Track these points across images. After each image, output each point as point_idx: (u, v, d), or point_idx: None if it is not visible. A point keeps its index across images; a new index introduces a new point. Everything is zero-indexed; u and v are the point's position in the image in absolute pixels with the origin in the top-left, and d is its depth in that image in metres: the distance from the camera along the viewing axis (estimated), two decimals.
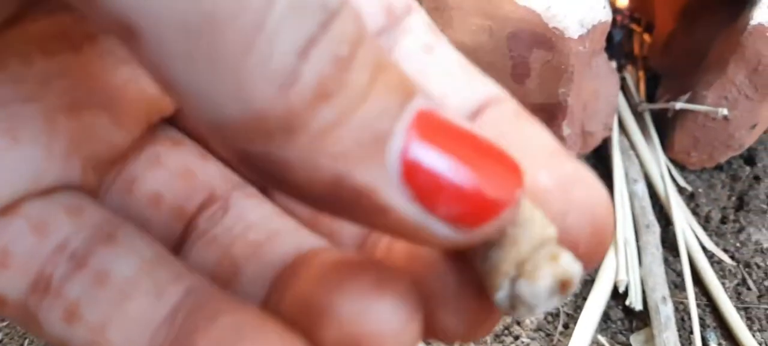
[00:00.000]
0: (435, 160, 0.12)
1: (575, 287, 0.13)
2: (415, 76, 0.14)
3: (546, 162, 0.14)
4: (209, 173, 0.18)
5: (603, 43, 0.46)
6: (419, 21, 0.16)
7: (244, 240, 0.17)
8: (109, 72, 0.16)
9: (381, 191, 0.12)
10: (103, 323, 0.14)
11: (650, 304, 0.46)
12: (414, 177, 0.12)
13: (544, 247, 0.13)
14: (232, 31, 0.11)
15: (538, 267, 0.13)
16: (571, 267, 0.13)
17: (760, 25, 0.45)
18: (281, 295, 0.15)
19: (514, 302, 0.13)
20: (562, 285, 0.12)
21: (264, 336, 0.13)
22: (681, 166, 0.55)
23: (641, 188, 0.52)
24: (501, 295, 0.13)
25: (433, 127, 0.12)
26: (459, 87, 0.16)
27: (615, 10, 0.57)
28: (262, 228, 0.17)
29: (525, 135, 0.15)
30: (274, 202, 0.19)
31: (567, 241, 0.13)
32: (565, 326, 0.47)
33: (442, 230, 0.12)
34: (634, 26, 0.60)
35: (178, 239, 0.18)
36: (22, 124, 0.15)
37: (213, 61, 0.11)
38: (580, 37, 0.43)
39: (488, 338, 0.46)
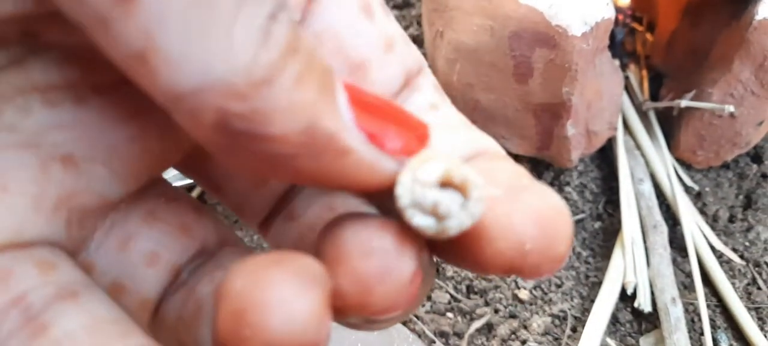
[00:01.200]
0: (369, 111, 0.14)
1: (474, 194, 0.14)
2: None
3: (505, 181, 0.16)
4: (203, 228, 0.19)
5: (606, 41, 0.45)
6: (427, 82, 0.19)
7: (212, 281, 0.18)
8: (114, 127, 0.16)
9: (343, 135, 0.14)
10: None
11: (659, 305, 0.46)
12: (362, 121, 0.14)
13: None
14: (224, 1, 0.12)
15: (431, 160, 0.15)
16: (464, 169, 0.14)
17: (766, 19, 0.44)
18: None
19: (414, 188, 0.14)
20: (452, 176, 0.14)
21: None
22: (687, 165, 0.55)
23: (647, 188, 0.51)
24: (402, 181, 0.14)
25: (353, 87, 0.15)
26: (460, 141, 0.18)
27: (616, 9, 0.57)
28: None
29: (498, 166, 0.17)
30: None
31: (512, 239, 0.15)
32: (573, 330, 0.47)
33: (390, 164, 0.15)
34: (635, 25, 0.59)
35: (165, 289, 0.18)
36: (13, 173, 0.15)
37: (208, 27, 0.12)
38: (584, 34, 0.42)
39: (494, 343, 0.45)
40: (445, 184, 0.14)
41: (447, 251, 0.16)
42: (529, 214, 0.15)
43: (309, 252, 0.15)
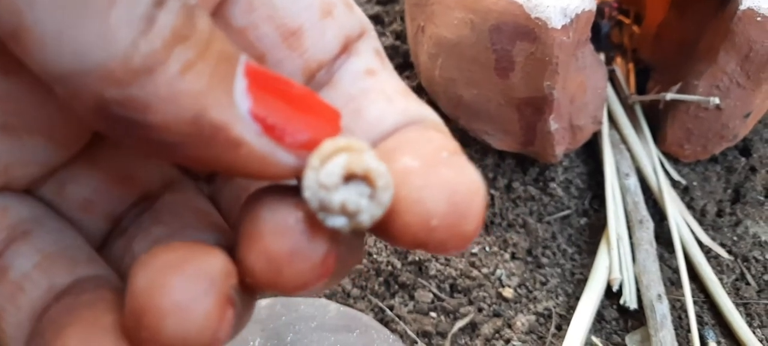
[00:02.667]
0: (273, 101, 0.14)
1: (380, 182, 0.14)
2: (356, 96, 0.17)
3: (427, 153, 0.15)
4: (146, 173, 0.19)
5: (588, 34, 0.44)
6: (367, 46, 0.18)
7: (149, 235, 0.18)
8: (46, 97, 0.16)
9: (234, 126, 0.13)
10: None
11: (645, 302, 0.45)
12: (260, 113, 0.14)
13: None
14: None
15: (331, 158, 0.14)
16: (365, 159, 0.14)
17: (750, 9, 0.43)
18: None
19: (319, 191, 0.14)
20: (354, 170, 0.14)
21: (94, 343, 0.14)
22: (674, 159, 0.54)
23: (633, 183, 0.50)
24: (307, 185, 0.14)
25: (262, 75, 0.14)
26: (394, 110, 0.17)
27: (603, 2, 0.56)
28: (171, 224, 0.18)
29: (424, 136, 0.16)
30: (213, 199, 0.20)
31: (420, 213, 0.14)
32: (558, 328, 0.46)
33: (287, 158, 0.14)
34: (622, 18, 0.59)
35: (105, 237, 0.18)
36: None
37: (82, 10, 0.12)
38: (564, 27, 0.41)
39: (478, 342, 0.44)
40: (350, 177, 0.14)
41: None
42: (441, 189, 0.14)
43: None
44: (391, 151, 0.16)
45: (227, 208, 0.19)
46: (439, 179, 0.14)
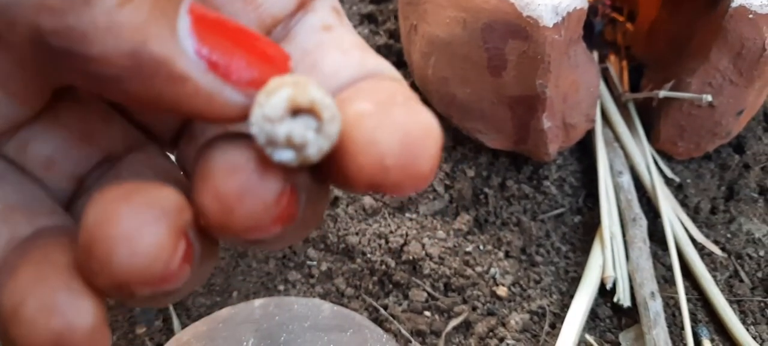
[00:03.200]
0: (220, 41, 0.14)
1: (326, 114, 0.14)
2: (311, 50, 0.17)
3: (382, 98, 0.15)
4: (109, 134, 0.19)
5: (580, 32, 0.44)
6: (324, 3, 0.18)
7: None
8: (3, 53, 0.16)
9: (177, 61, 0.13)
10: None
11: (639, 300, 0.45)
12: (205, 52, 0.14)
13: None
14: None
15: (275, 91, 0.14)
16: (310, 91, 0.14)
17: (741, 6, 0.43)
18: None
19: (264, 124, 0.14)
20: (298, 102, 0.14)
21: (47, 286, 0.14)
22: (668, 157, 0.54)
23: (627, 180, 0.50)
24: (253, 120, 0.14)
25: (207, 16, 0.14)
26: (350, 63, 0.17)
27: (596, 0, 0.56)
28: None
29: (380, 85, 0.16)
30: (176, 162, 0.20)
31: (374, 155, 0.14)
32: (552, 326, 0.46)
33: (235, 96, 0.14)
34: (615, 16, 0.59)
35: (70, 197, 0.19)
36: None
37: None
38: (556, 25, 0.41)
39: (472, 341, 0.44)
40: (297, 111, 0.14)
41: (317, 168, 0.16)
42: (394, 130, 0.14)
43: None
44: (346, 99, 0.16)
45: (192, 172, 0.20)
46: (392, 120, 0.15)
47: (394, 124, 0.14)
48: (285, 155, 0.14)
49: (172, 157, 0.21)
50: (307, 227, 0.17)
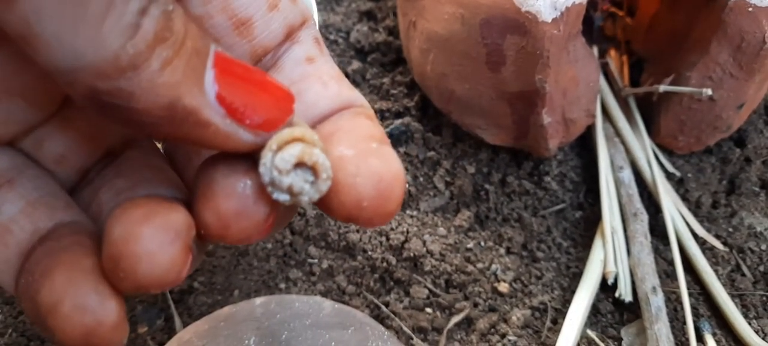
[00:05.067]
0: (238, 86, 0.17)
1: (323, 175, 0.18)
2: (296, 80, 0.21)
3: (360, 143, 0.19)
4: (110, 132, 0.22)
5: (579, 27, 0.44)
6: (307, 35, 0.21)
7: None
8: (25, 66, 0.19)
9: (203, 111, 0.16)
10: None
11: (640, 295, 0.45)
12: (225, 99, 0.17)
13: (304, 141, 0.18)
14: (94, 2, 0.14)
15: (287, 146, 0.18)
16: (315, 154, 0.18)
17: (742, 0, 0.43)
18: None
19: (272, 171, 0.18)
20: (305, 161, 0.17)
21: (79, 289, 0.17)
22: (668, 151, 0.54)
23: (628, 175, 0.50)
24: (264, 162, 0.18)
25: (229, 64, 0.17)
26: (329, 95, 0.21)
27: None
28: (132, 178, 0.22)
29: (356, 125, 0.20)
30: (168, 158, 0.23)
31: (353, 196, 0.18)
32: (554, 322, 0.46)
33: (247, 136, 0.17)
34: (615, 10, 0.58)
35: (74, 186, 0.22)
36: None
37: (78, 20, 0.14)
38: (554, 20, 0.41)
39: (474, 338, 0.44)
40: (300, 165, 0.18)
41: None
42: (370, 177, 0.18)
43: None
44: (328, 136, 0.19)
45: (180, 162, 0.23)
46: (369, 168, 0.18)
47: (371, 173, 0.18)
48: (281, 197, 0.18)
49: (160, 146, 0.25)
50: (279, 229, 0.20)
